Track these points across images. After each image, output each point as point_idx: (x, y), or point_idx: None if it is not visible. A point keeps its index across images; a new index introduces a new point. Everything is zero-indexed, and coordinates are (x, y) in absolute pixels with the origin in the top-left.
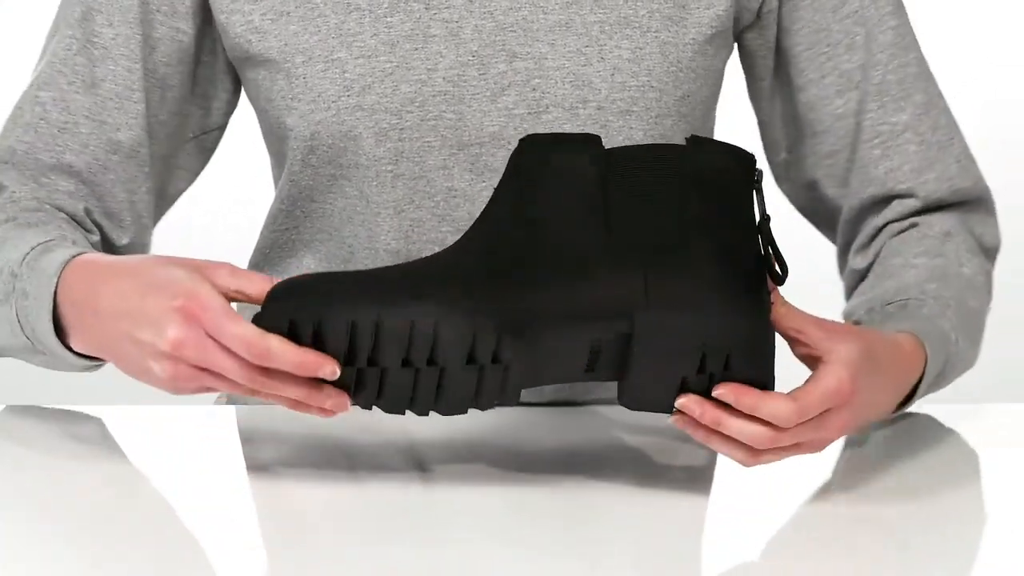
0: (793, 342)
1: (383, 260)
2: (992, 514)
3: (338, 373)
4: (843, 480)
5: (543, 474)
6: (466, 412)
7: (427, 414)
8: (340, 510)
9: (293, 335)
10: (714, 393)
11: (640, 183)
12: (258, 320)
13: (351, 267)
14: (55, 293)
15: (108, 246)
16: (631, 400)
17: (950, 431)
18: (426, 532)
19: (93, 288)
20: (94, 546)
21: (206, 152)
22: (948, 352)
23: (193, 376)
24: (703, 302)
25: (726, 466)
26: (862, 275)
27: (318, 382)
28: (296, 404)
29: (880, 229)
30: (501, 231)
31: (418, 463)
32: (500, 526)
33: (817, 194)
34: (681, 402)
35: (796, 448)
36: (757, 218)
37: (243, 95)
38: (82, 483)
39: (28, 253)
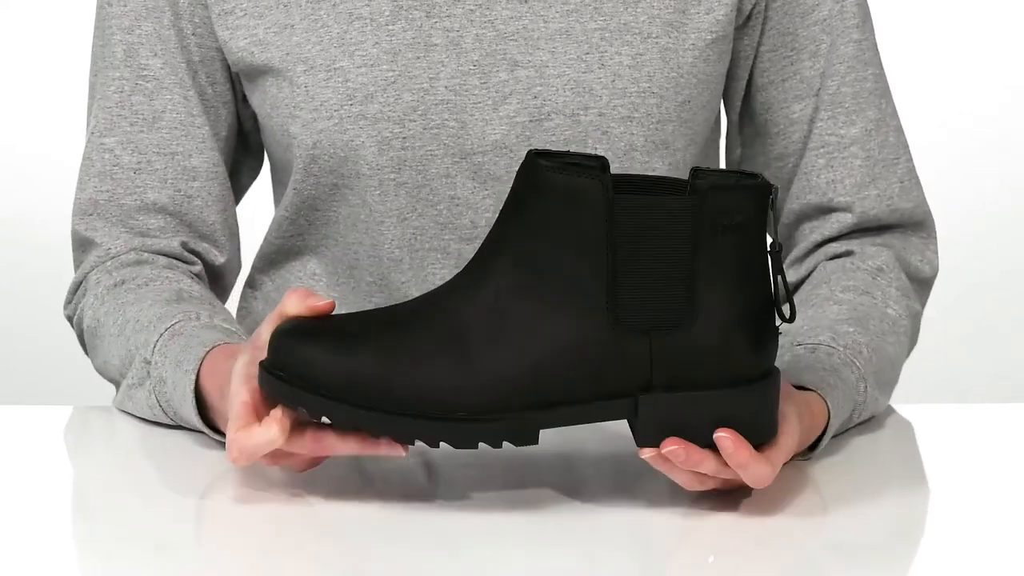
0: None
1: (387, 268)
2: (992, 514)
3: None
4: (841, 480)
5: (546, 474)
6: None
7: (437, 446)
8: (345, 507)
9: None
10: (715, 436)
11: (647, 240)
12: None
13: (357, 272)
14: (196, 384)
15: (207, 268)
16: None
17: (949, 431)
18: (430, 530)
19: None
20: (100, 547)
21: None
22: (855, 401)
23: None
24: (710, 381)
25: None
26: (793, 288)
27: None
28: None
29: (817, 245)
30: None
31: (423, 462)
32: (503, 524)
33: None
34: (671, 449)
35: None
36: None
37: None
38: (87, 484)
39: (158, 340)
